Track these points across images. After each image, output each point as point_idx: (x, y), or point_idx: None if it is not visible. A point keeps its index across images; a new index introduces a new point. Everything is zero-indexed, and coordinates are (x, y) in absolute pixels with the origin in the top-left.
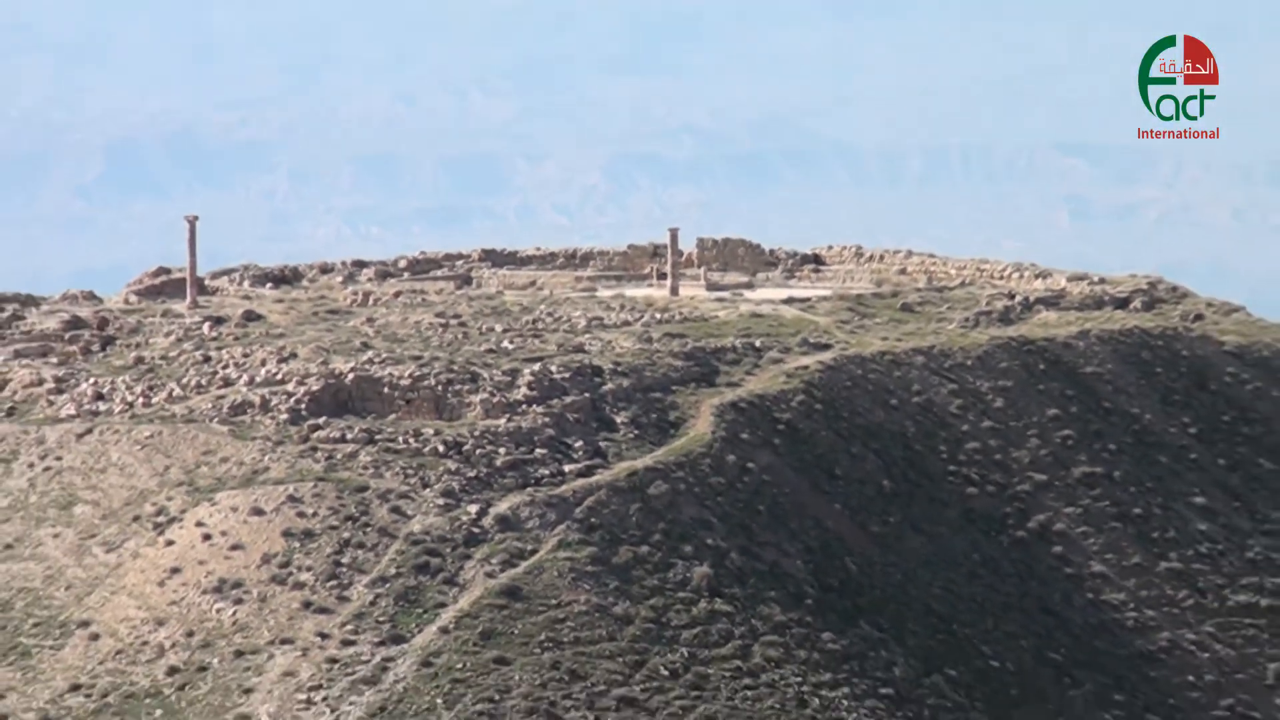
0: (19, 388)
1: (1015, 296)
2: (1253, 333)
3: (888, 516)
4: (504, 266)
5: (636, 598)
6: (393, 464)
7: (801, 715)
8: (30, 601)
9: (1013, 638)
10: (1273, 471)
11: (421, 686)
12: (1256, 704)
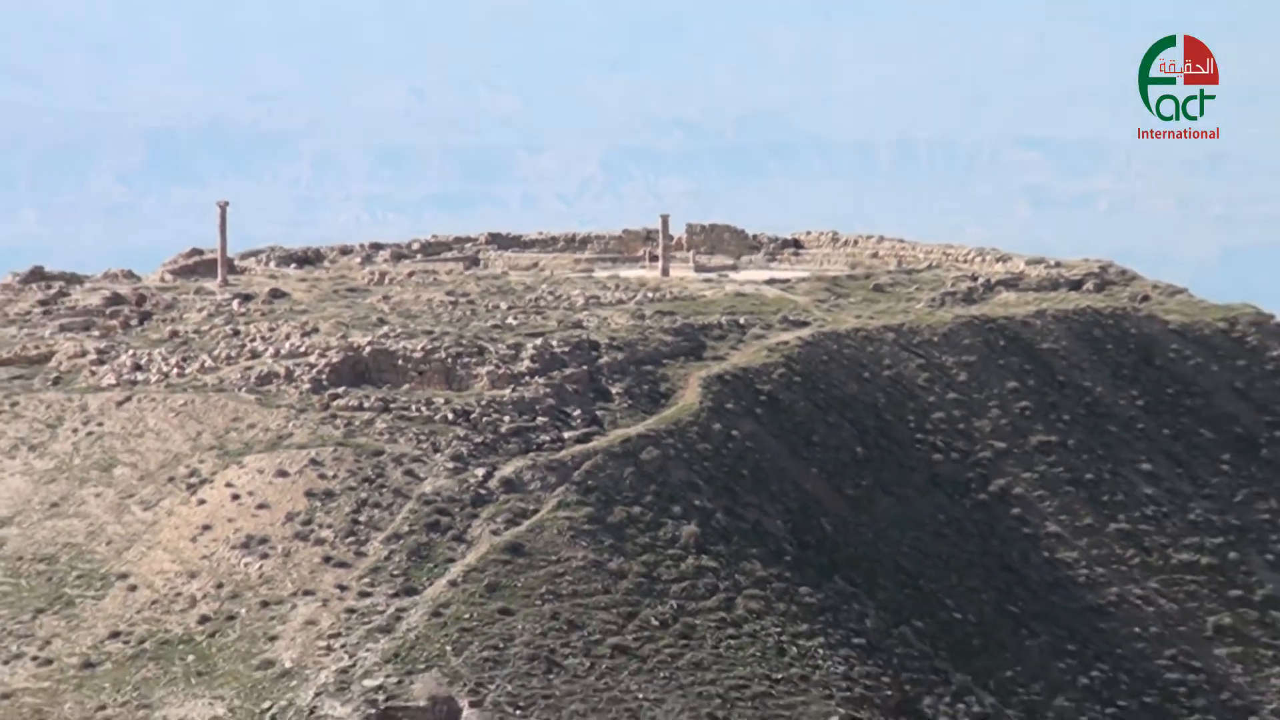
0: (64, 359)
1: (978, 278)
2: (1194, 313)
3: (860, 480)
4: (509, 249)
5: (629, 554)
6: (406, 430)
7: (780, 663)
8: (74, 555)
9: (974, 592)
10: (1212, 440)
11: (432, 635)
12: (1196, 654)
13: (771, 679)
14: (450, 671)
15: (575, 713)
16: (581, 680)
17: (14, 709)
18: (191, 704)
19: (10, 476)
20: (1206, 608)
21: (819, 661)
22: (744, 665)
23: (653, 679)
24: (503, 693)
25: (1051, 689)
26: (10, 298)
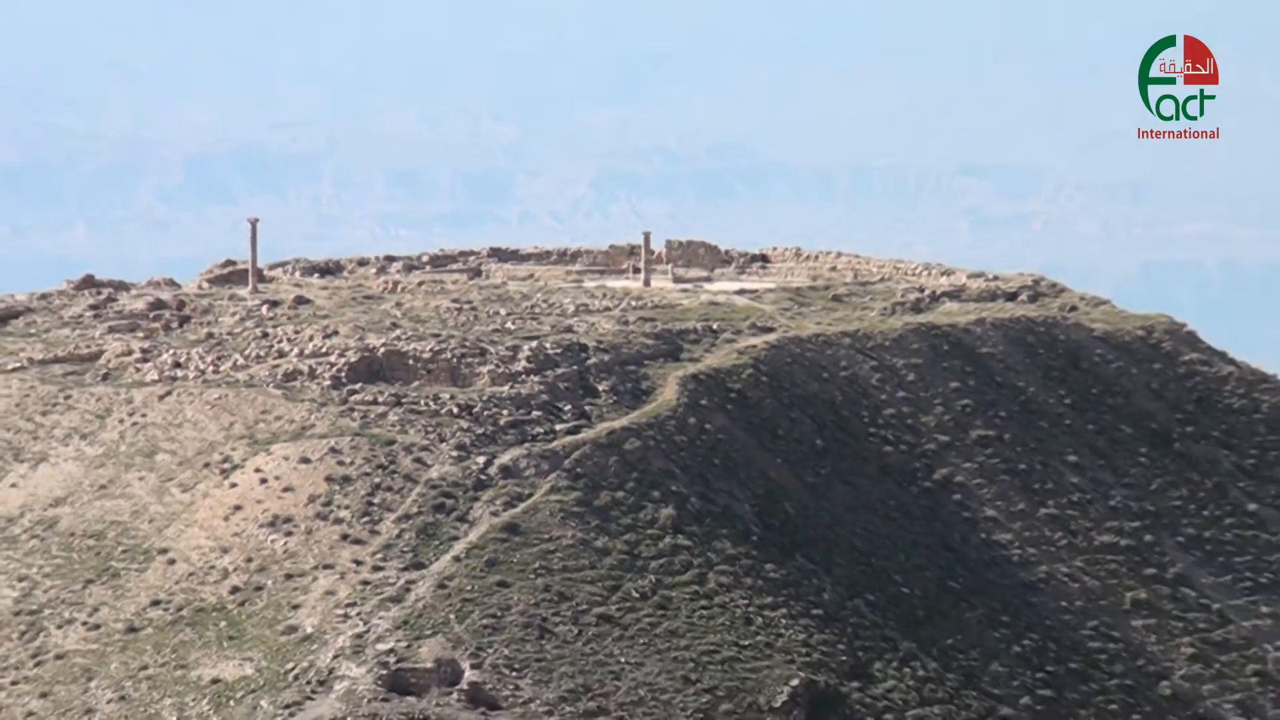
0: (112, 357)
1: (924, 290)
2: (1116, 321)
3: (819, 469)
4: (508, 262)
5: (613, 533)
6: (415, 422)
7: (747, 631)
8: (120, 532)
9: (920, 569)
10: (1131, 435)
11: (438, 604)
12: (1116, 625)
13: (739, 645)
14: (454, 637)
15: (565, 674)
16: (570, 645)
17: (67, 668)
18: (224, 664)
19: (64, 462)
20: (1125, 584)
21: (782, 630)
22: (715, 633)
23: (634, 644)
24: (500, 656)
25: (987, 656)
26: (65, 302)
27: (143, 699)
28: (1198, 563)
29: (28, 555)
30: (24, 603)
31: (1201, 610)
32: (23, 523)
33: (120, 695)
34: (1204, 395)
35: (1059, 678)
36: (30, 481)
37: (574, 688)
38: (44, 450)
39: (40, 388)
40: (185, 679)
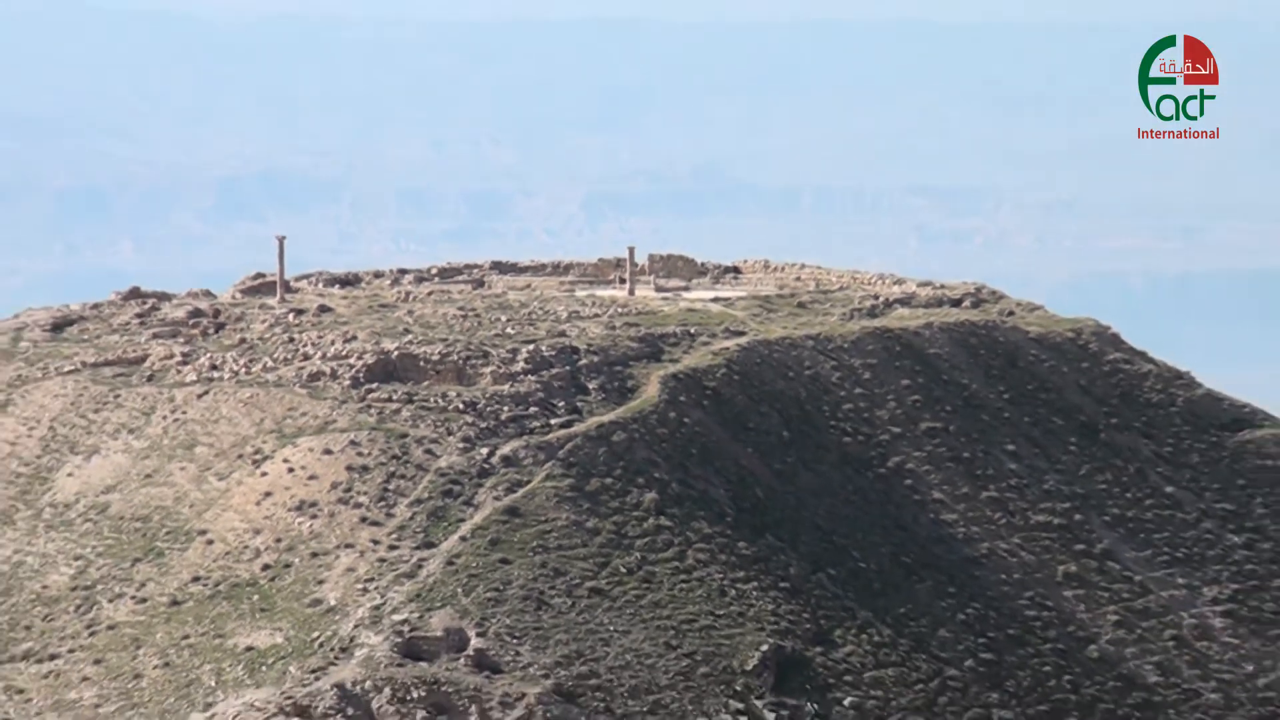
0: (156, 360)
1: (879, 298)
2: (1049, 324)
3: (786, 458)
4: (507, 274)
5: (603, 515)
6: (426, 417)
7: (722, 602)
8: (164, 516)
9: (875, 546)
10: (1062, 426)
11: (446, 579)
12: (1049, 595)
13: (715, 615)
14: (461, 609)
15: (559, 641)
16: (565, 616)
17: (117, 637)
18: (256, 634)
19: (114, 454)
20: (1057, 559)
21: (753, 601)
22: (693, 604)
23: (621, 614)
24: (502, 625)
25: (935, 623)
26: (113, 311)
27: (185, 665)
28: (1121, 539)
29: (82, 537)
30: (79, 579)
31: (1125, 582)
32: (78, 508)
33: (165, 661)
34: (1126, 390)
35: (999, 643)
36: (84, 471)
37: (568, 653)
38: (96, 443)
39: (92, 388)
40: (222, 647)
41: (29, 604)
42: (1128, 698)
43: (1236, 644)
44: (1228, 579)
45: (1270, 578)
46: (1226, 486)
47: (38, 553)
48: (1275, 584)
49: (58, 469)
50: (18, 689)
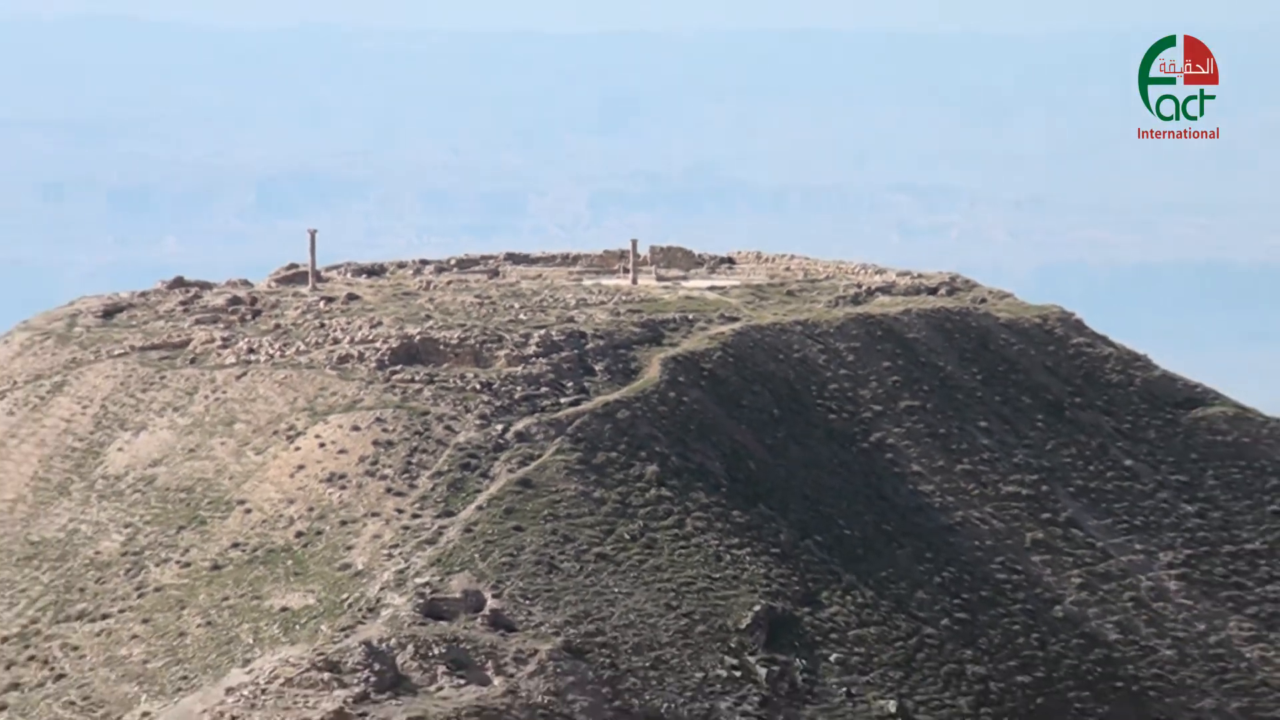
0: (199, 344)
1: (862, 286)
2: (1018, 311)
3: (776, 433)
4: (520, 264)
5: (608, 486)
6: (446, 397)
7: (718, 566)
8: (206, 487)
9: (859, 514)
10: (1030, 405)
11: (465, 545)
12: (1018, 560)
13: (711, 578)
14: (478, 572)
15: (569, 602)
16: (573, 579)
17: (164, 599)
18: (291, 595)
19: (160, 430)
20: (1025, 526)
21: (746, 565)
22: (691, 568)
23: (625, 577)
24: (516, 588)
25: (914, 585)
26: (159, 299)
27: (225, 624)
28: (1084, 509)
29: (131, 506)
30: (129, 545)
31: (1087, 548)
32: (127, 480)
33: (207, 621)
34: (1089, 372)
35: (972, 603)
36: (133, 446)
37: (576, 613)
38: (144, 420)
39: (140, 370)
40: (259, 607)
41: (83, 568)
42: (1090, 654)
43: (1189, 605)
44: (1181, 545)
45: (1220, 544)
46: (1180, 460)
47: (91, 521)
48: (1225, 549)
49: (109, 444)
50: (73, 646)
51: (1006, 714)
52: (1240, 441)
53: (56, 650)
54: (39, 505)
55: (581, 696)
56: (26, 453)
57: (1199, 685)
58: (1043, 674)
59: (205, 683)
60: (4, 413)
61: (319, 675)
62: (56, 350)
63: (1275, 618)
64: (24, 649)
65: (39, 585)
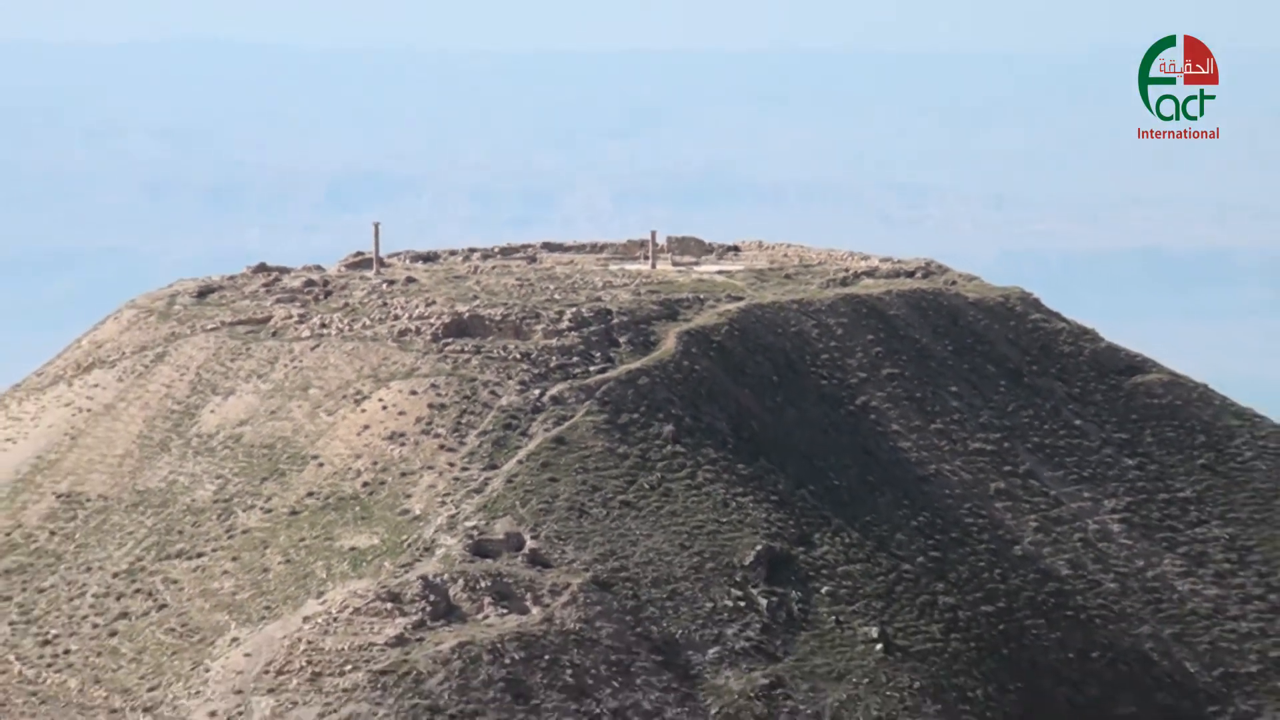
0: (278, 320)
1: (849, 270)
2: (984, 292)
3: (775, 398)
4: (555, 251)
5: (631, 443)
6: (490, 366)
7: (725, 512)
8: (284, 444)
9: (847, 467)
10: (994, 372)
11: (507, 494)
12: (983, 507)
13: (719, 521)
14: (519, 517)
15: (596, 543)
16: (601, 523)
17: (250, 540)
18: (358, 537)
19: (246, 395)
20: (990, 477)
21: (749, 510)
22: (702, 513)
23: (645, 521)
24: (551, 530)
25: (893, 528)
26: (245, 282)
27: (302, 561)
28: (1040, 462)
29: (222, 461)
30: (220, 494)
31: (1043, 495)
32: (219, 438)
33: (286, 559)
34: (1045, 344)
35: (943, 543)
36: (222, 409)
37: (603, 552)
38: (232, 386)
39: (229, 342)
40: (331, 547)
41: (181, 514)
42: (1044, 587)
43: (1130, 544)
44: (1123, 493)
45: (1156, 492)
46: (1122, 420)
47: (187, 473)
48: (1160, 497)
49: (203, 407)
50: (173, 580)
51: (973, 639)
52: (1174, 404)
53: (159, 584)
54: (144, 460)
55: (608, 624)
56: (133, 414)
57: (1137, 614)
58: (1004, 604)
59: (285, 612)
60: (114, 380)
61: (382, 605)
62: (158, 326)
63: (1203, 556)
64: (131, 583)
65: (144, 528)
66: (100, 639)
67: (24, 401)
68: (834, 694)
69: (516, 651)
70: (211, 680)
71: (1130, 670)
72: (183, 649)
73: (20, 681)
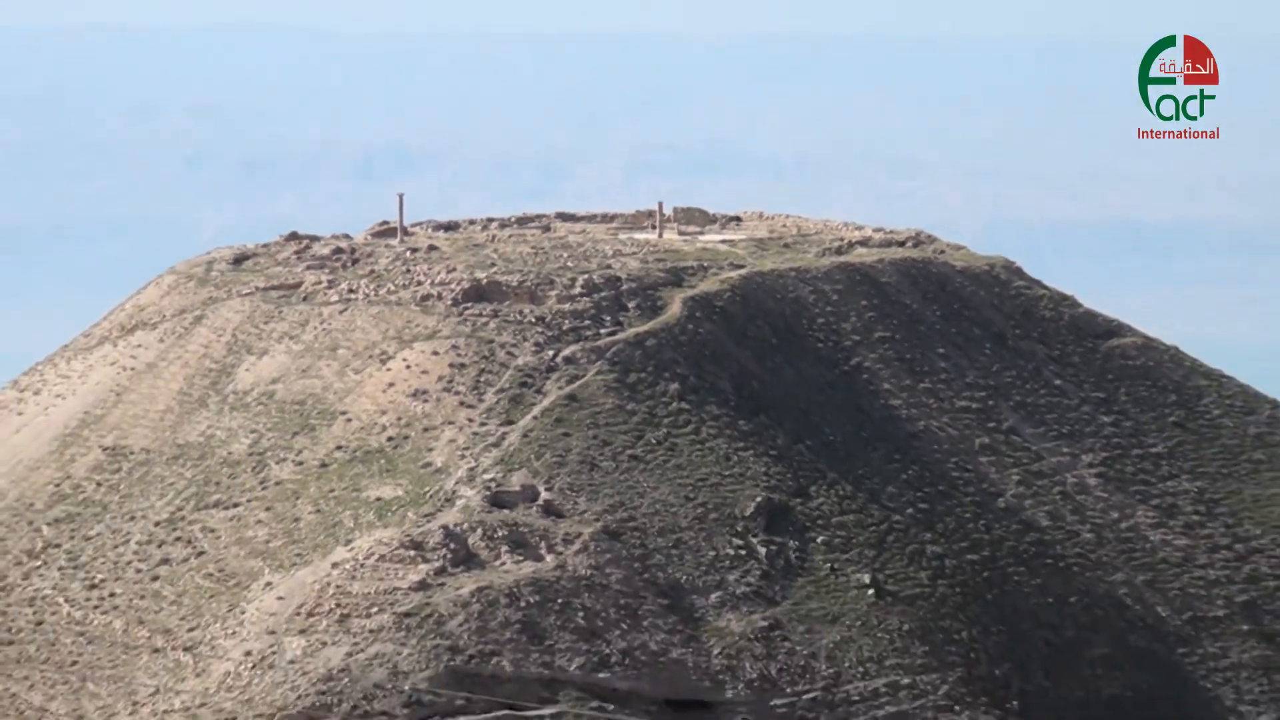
0: (309, 285)
1: (844, 240)
2: (970, 260)
3: (774, 359)
4: (568, 221)
5: (639, 401)
6: (507, 328)
7: (727, 465)
8: (314, 401)
9: (841, 424)
10: (979, 335)
11: (523, 449)
12: (969, 462)
13: (722, 474)
14: (534, 470)
15: (607, 495)
16: (611, 475)
17: (282, 491)
18: (384, 488)
19: (278, 355)
20: (975, 434)
21: (750, 464)
22: (706, 466)
23: (652, 475)
24: (564, 482)
25: (885, 481)
26: (278, 249)
27: (331, 511)
28: (1022, 419)
29: (256, 416)
30: (254, 448)
31: (1024, 451)
32: (253, 394)
33: (317, 509)
34: (1027, 309)
35: (931, 496)
36: (256, 368)
37: (613, 503)
38: (265, 347)
39: (263, 306)
40: (358, 498)
41: (218, 466)
42: (1026, 537)
43: (1105, 497)
44: (1099, 449)
45: (1130, 448)
46: (1099, 380)
47: (224, 428)
48: (1134, 452)
49: (238, 366)
50: (210, 528)
51: (958, 585)
52: (1147, 365)
53: (197, 532)
54: (183, 415)
55: (617, 570)
56: (173, 373)
57: (1112, 562)
58: (988, 553)
59: (315, 558)
60: (155, 340)
61: (406, 552)
62: (197, 290)
63: (1174, 508)
64: (172, 531)
65: (184, 480)
66: (143, 583)
67: (72, 360)
68: (828, 636)
69: (531, 596)
70: (246, 621)
71: (1105, 614)
72: (220, 592)
73: (69, 622)
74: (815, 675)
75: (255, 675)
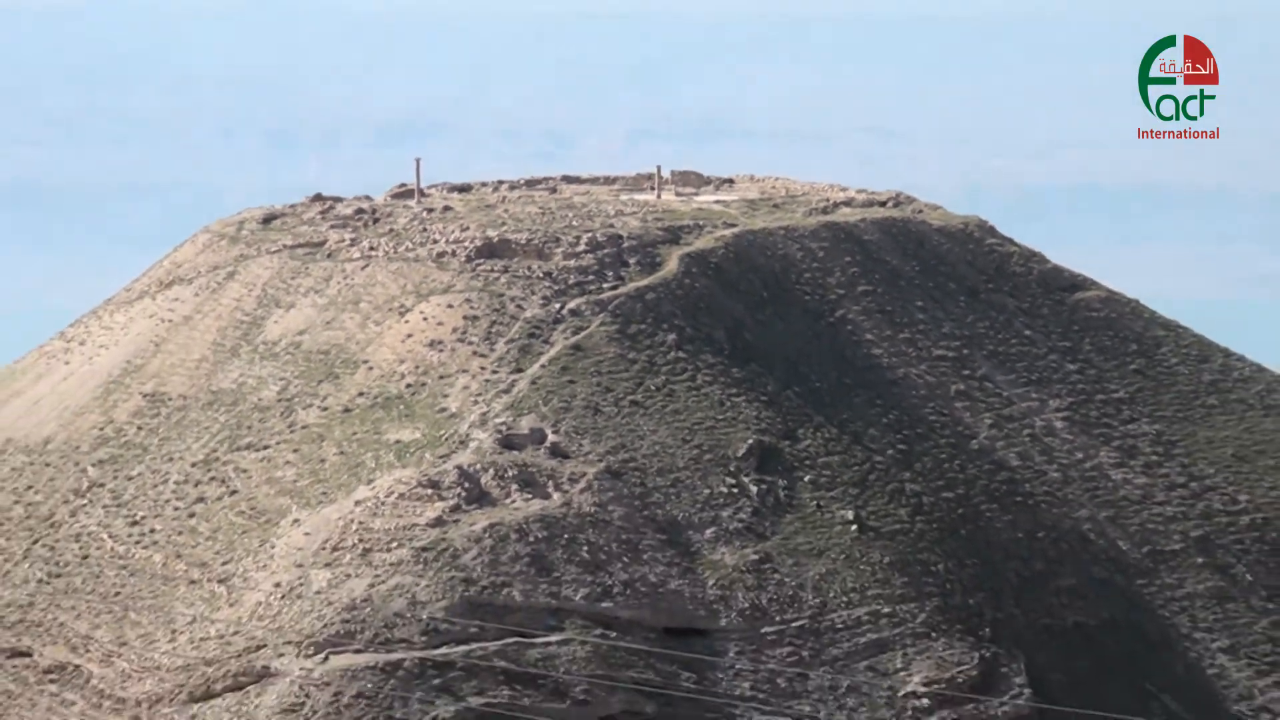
0: (333, 243)
1: (830, 200)
2: (947, 219)
3: (765, 311)
4: (573, 184)
5: (639, 350)
6: (517, 283)
7: (721, 410)
8: (338, 350)
9: (826, 371)
10: (955, 288)
11: (531, 395)
12: (945, 406)
13: (716, 418)
14: (541, 415)
15: (609, 437)
16: (613, 420)
17: (309, 434)
18: (403, 431)
19: (305, 308)
20: (951, 380)
21: (742, 409)
22: (701, 411)
23: (651, 419)
24: (570, 426)
25: (867, 424)
26: (304, 210)
27: (354, 453)
28: (994, 367)
29: (284, 365)
30: (283, 394)
31: (997, 396)
32: (281, 345)
33: (340, 451)
34: (999, 265)
35: (910, 438)
36: (284, 320)
37: (615, 445)
38: (292, 301)
39: (290, 263)
40: (379, 440)
41: (250, 411)
42: (997, 476)
43: (1071, 439)
44: (1065, 394)
45: (1094, 394)
46: (1065, 331)
47: (255, 375)
48: (1098, 398)
49: (268, 318)
50: (242, 469)
51: (935, 521)
52: (1109, 317)
53: (230, 472)
54: (217, 364)
55: (619, 507)
56: (208, 325)
57: (1077, 500)
58: (962, 491)
59: (339, 497)
60: (191, 294)
61: (423, 491)
62: (229, 248)
63: (1134, 449)
64: (207, 471)
65: (218, 424)
66: (181, 520)
67: (115, 313)
68: (815, 568)
69: (539, 531)
70: (276, 555)
71: (1070, 548)
72: (251, 529)
73: (112, 556)
74: (803, 605)
75: (284, 605)
